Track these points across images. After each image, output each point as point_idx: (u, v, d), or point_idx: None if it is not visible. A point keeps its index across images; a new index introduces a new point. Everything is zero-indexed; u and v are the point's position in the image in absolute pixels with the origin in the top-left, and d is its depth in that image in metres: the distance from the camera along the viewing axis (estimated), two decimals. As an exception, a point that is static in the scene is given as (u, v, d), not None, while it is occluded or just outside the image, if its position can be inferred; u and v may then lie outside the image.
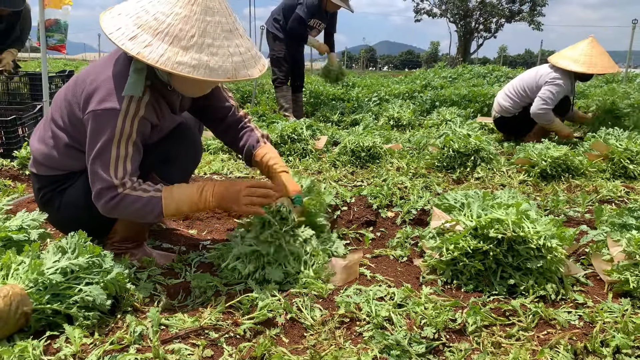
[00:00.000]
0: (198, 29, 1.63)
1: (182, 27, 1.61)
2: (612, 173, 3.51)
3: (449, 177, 3.51)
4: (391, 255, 2.17)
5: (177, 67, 1.58)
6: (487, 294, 1.77)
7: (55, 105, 1.89)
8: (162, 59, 1.58)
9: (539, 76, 4.52)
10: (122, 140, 1.69)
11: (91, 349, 1.37)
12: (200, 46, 1.62)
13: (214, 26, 1.65)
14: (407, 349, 1.41)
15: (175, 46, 1.60)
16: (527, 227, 1.81)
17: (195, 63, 1.60)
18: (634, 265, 1.81)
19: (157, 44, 1.60)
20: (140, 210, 1.72)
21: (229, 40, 1.68)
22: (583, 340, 1.48)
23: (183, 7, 1.63)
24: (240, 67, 1.69)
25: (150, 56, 1.58)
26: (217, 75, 1.63)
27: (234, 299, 1.65)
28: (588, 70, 4.38)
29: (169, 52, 1.59)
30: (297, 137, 4.25)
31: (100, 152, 1.68)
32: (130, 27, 1.63)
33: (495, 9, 40.04)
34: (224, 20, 1.69)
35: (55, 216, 1.96)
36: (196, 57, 1.60)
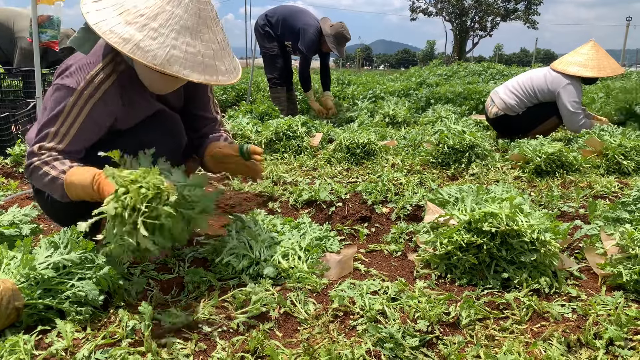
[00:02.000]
0: (151, 11, 1.61)
1: (137, 4, 1.61)
2: (606, 169, 3.52)
3: (443, 173, 3.51)
4: (385, 250, 2.17)
5: (108, 34, 1.56)
6: (481, 288, 1.77)
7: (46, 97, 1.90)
8: (101, 23, 1.58)
9: (549, 81, 4.43)
10: (68, 119, 1.71)
11: (83, 343, 1.37)
12: (142, 26, 1.59)
13: (168, 15, 1.62)
14: (401, 342, 1.41)
15: (120, 17, 1.60)
16: (521, 221, 1.81)
17: (127, 37, 1.56)
18: (627, 259, 1.81)
19: (108, 11, 1.61)
20: (48, 187, 1.72)
21: (178, 34, 1.62)
22: (576, 332, 1.49)
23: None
24: (175, 62, 1.59)
25: (92, 17, 1.59)
26: (143, 57, 1.55)
27: (227, 293, 1.64)
28: (599, 74, 4.35)
29: (111, 20, 1.59)
30: (292, 134, 4.24)
31: (45, 123, 1.72)
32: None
33: (490, 7, 40.12)
34: (185, 17, 1.64)
35: (45, 207, 1.96)
36: (132, 32, 1.57)
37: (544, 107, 4.52)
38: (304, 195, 2.80)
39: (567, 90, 4.33)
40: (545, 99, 4.47)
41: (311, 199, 2.79)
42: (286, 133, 4.23)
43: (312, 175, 3.42)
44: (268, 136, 4.20)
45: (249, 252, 1.88)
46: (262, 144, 4.17)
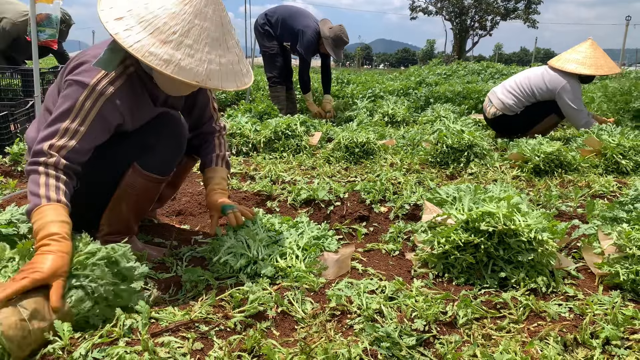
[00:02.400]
0: (182, 28, 1.62)
1: (167, 21, 1.61)
2: (605, 168, 3.53)
3: (442, 172, 3.51)
4: (383, 249, 2.17)
5: (148, 56, 1.57)
6: (478, 287, 1.77)
7: (48, 95, 1.91)
8: (137, 45, 1.57)
9: (547, 79, 4.45)
10: (79, 115, 1.70)
11: (80, 342, 1.36)
12: (178, 44, 1.61)
13: (199, 30, 1.65)
14: (398, 341, 1.41)
15: (154, 37, 1.59)
16: (518, 220, 1.81)
17: (167, 58, 1.59)
18: (624, 258, 1.82)
19: (137, 29, 1.59)
20: (29, 194, 1.66)
21: (211, 47, 1.67)
22: (573, 332, 1.49)
23: (175, 5, 1.63)
24: (214, 75, 1.66)
25: (126, 40, 1.57)
26: (186, 76, 1.60)
27: (225, 292, 1.64)
28: (597, 72, 4.38)
29: (145, 41, 1.58)
30: (291, 133, 4.25)
31: (55, 119, 1.69)
32: (121, 9, 1.63)
33: (490, 6, 40.10)
34: (213, 29, 1.68)
35: None
36: (170, 52, 1.59)
37: (542, 106, 4.53)
38: (302, 195, 2.80)
39: (567, 90, 4.35)
40: (543, 98, 4.48)
41: (310, 198, 2.79)
42: (285, 132, 4.23)
43: (311, 174, 3.43)
44: (267, 135, 4.20)
45: (246, 251, 1.88)
46: (261, 143, 4.17)
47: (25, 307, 1.32)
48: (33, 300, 1.34)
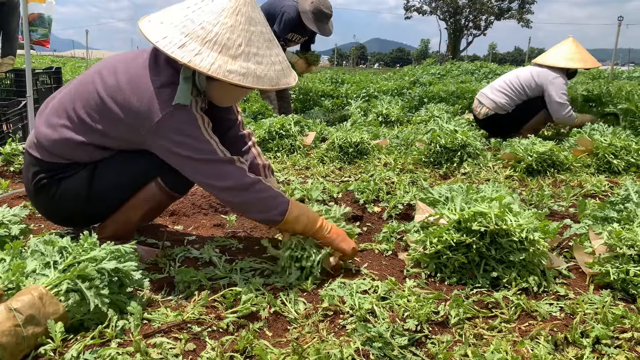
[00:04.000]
0: (244, 38, 1.69)
1: (230, 36, 1.66)
2: (597, 168, 3.55)
3: (435, 172, 3.53)
4: (376, 249, 2.17)
5: (229, 75, 1.63)
6: (470, 287, 1.78)
7: (78, 97, 1.80)
8: (214, 67, 1.62)
9: (535, 75, 4.57)
10: (207, 128, 1.75)
11: (72, 343, 1.36)
12: (247, 55, 1.68)
13: (257, 36, 1.72)
14: (390, 341, 1.41)
15: (224, 55, 1.65)
16: (510, 220, 1.82)
17: (244, 71, 1.66)
18: (614, 258, 1.83)
19: (206, 52, 1.64)
20: (269, 201, 1.78)
21: (270, 49, 1.75)
22: (564, 331, 1.50)
23: (229, 17, 1.68)
24: (281, 75, 1.76)
25: (201, 64, 1.62)
26: (264, 83, 1.69)
27: (217, 293, 1.64)
28: (585, 65, 4.63)
29: (219, 61, 1.64)
30: (285, 133, 4.25)
31: (200, 143, 1.71)
32: (177, 35, 1.65)
33: (484, 6, 40.26)
34: (265, 30, 1.76)
35: (46, 203, 1.91)
36: (244, 65, 1.66)
37: (533, 103, 4.64)
38: (296, 195, 2.80)
39: (555, 84, 4.48)
40: (534, 94, 4.60)
41: (303, 198, 2.79)
42: (279, 132, 4.23)
43: (305, 174, 3.43)
44: (261, 135, 4.20)
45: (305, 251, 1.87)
46: (255, 143, 4.16)
47: (20, 312, 1.31)
48: (29, 305, 1.33)
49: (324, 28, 5.48)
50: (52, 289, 1.40)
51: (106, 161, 1.85)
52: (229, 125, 2.17)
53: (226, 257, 2.01)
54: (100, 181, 1.84)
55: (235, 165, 1.75)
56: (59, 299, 1.39)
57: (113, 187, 1.86)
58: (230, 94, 1.87)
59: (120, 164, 1.84)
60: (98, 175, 1.85)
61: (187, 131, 1.70)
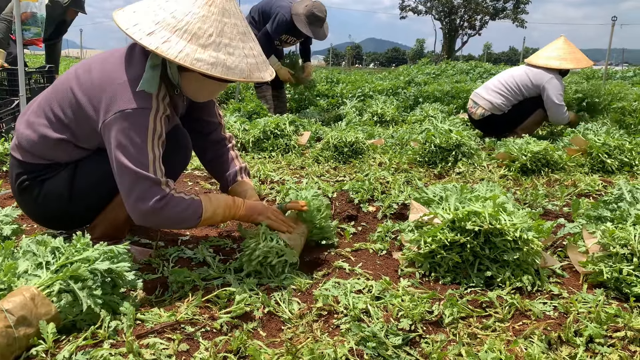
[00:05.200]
0: (216, 28, 1.66)
1: (201, 25, 1.64)
2: (591, 167, 3.57)
3: (430, 172, 3.53)
4: (371, 248, 2.17)
5: (196, 63, 1.60)
6: (465, 286, 1.78)
7: (54, 95, 1.81)
8: (181, 54, 1.60)
9: (531, 76, 4.57)
10: (154, 139, 1.69)
11: (64, 344, 1.35)
12: (217, 45, 1.65)
13: (230, 27, 1.69)
14: (384, 340, 1.41)
15: (193, 43, 1.62)
16: (504, 220, 1.83)
17: (214, 61, 1.63)
18: (608, 257, 1.84)
19: (175, 40, 1.61)
20: (183, 213, 1.73)
21: (243, 42, 1.73)
22: (557, 330, 1.50)
23: (201, 7, 1.66)
24: (254, 68, 1.73)
25: (169, 51, 1.59)
26: (234, 74, 1.66)
27: (211, 293, 1.64)
28: (578, 65, 4.67)
29: (187, 49, 1.61)
30: (280, 132, 4.24)
31: (138, 154, 1.65)
32: (147, 23, 1.64)
33: (479, 6, 40.38)
34: (239, 23, 1.73)
35: (31, 206, 1.91)
36: (214, 55, 1.63)
37: (529, 103, 4.64)
38: (290, 194, 2.78)
39: (552, 84, 4.49)
40: (530, 95, 4.60)
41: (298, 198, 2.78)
42: (274, 132, 4.22)
43: (300, 174, 3.42)
44: (256, 135, 4.19)
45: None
46: (250, 143, 4.15)
47: (12, 313, 1.30)
48: (20, 306, 1.32)
49: (317, 32, 5.42)
50: (44, 289, 1.39)
51: (86, 160, 1.85)
52: (211, 129, 2.18)
53: (220, 257, 2.01)
54: (81, 180, 1.84)
55: (159, 187, 1.69)
56: (51, 299, 1.38)
57: (94, 186, 1.85)
58: (205, 88, 1.82)
59: (98, 162, 1.81)
60: (79, 174, 1.84)
61: (133, 137, 1.65)
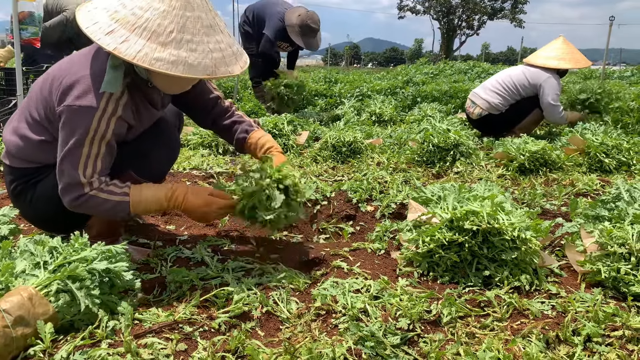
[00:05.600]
0: (177, 24, 1.60)
1: (161, 22, 1.59)
2: (589, 167, 3.57)
3: (428, 171, 3.53)
4: (369, 248, 2.17)
5: (155, 63, 1.55)
6: (463, 286, 1.78)
7: (30, 99, 1.85)
8: (140, 54, 1.55)
9: (529, 76, 4.58)
10: (95, 139, 1.66)
11: (62, 344, 1.35)
12: (179, 42, 1.59)
13: (193, 21, 1.63)
14: (382, 340, 1.41)
15: (153, 42, 1.57)
16: (502, 219, 1.83)
17: (174, 59, 1.58)
18: (605, 256, 1.84)
19: (134, 39, 1.56)
20: (108, 212, 1.74)
21: (208, 36, 1.66)
22: (555, 329, 1.50)
23: (162, 2, 1.60)
24: (220, 63, 1.66)
25: (127, 52, 1.55)
26: (196, 72, 1.60)
27: (209, 293, 1.64)
28: (576, 65, 4.65)
29: (146, 48, 1.56)
30: (279, 132, 4.24)
31: (71, 149, 1.65)
32: (107, 21, 1.59)
33: (477, 6, 40.42)
34: (204, 16, 1.66)
35: (27, 209, 1.93)
36: (175, 53, 1.58)
37: (526, 102, 4.65)
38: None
39: (550, 84, 4.49)
40: (528, 94, 4.61)
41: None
42: (272, 131, 4.22)
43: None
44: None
45: None
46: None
47: (9, 313, 1.30)
48: (18, 306, 1.32)
49: (309, 43, 5.48)
50: (41, 289, 1.39)
51: None
52: (211, 105, 2.16)
53: (218, 257, 2.00)
54: None
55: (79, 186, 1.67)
56: (48, 299, 1.38)
57: None
58: (174, 83, 1.79)
59: None
60: None
61: (72, 132, 1.65)
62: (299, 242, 2.39)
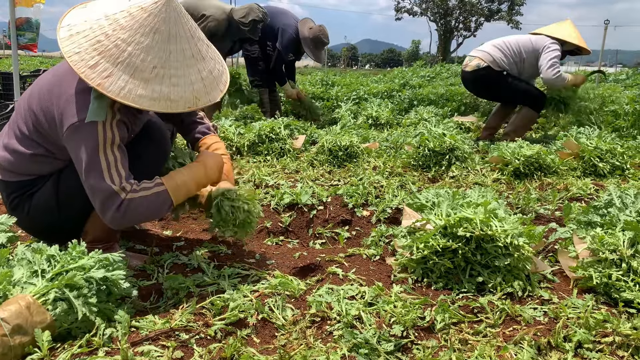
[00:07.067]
0: (160, 59, 1.63)
1: (144, 57, 1.61)
2: (583, 171, 3.60)
3: (424, 175, 3.55)
4: (364, 254, 2.19)
5: (138, 100, 1.60)
6: (456, 292, 1.80)
7: (18, 114, 1.87)
8: (123, 92, 1.59)
9: (534, 40, 4.63)
10: (107, 147, 1.68)
11: (59, 352, 1.37)
12: (161, 77, 1.63)
13: (176, 55, 1.66)
14: (376, 347, 1.43)
15: (136, 78, 1.60)
16: (495, 226, 1.85)
17: (156, 96, 1.62)
18: (597, 262, 1.86)
19: (117, 74, 1.59)
20: (151, 209, 1.75)
21: (190, 67, 1.69)
22: (547, 335, 1.52)
23: (145, 36, 1.62)
24: (201, 94, 1.71)
25: (110, 88, 1.58)
26: (177, 107, 1.65)
27: (205, 300, 1.65)
28: (581, 43, 4.65)
29: (129, 85, 1.59)
30: (275, 136, 4.25)
31: (90, 164, 1.67)
32: (90, 52, 1.60)
33: (474, 7, 40.51)
34: (187, 47, 1.69)
35: (25, 221, 1.94)
36: (157, 89, 1.62)
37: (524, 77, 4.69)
38: (285, 199, 2.81)
39: (552, 48, 4.53)
40: (528, 60, 4.61)
41: (292, 203, 2.81)
42: (269, 135, 4.23)
43: (294, 177, 3.44)
44: (251, 138, 4.20)
45: None
46: (245, 147, 4.17)
47: (7, 321, 1.31)
48: (16, 315, 1.33)
49: (318, 55, 5.81)
50: (39, 298, 1.41)
51: (67, 168, 1.86)
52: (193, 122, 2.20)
53: (215, 263, 2.02)
54: (65, 188, 1.85)
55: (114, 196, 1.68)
56: (46, 307, 1.39)
57: (79, 192, 1.83)
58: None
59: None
60: (62, 183, 1.86)
61: (84, 149, 1.67)
62: (295, 248, 2.40)
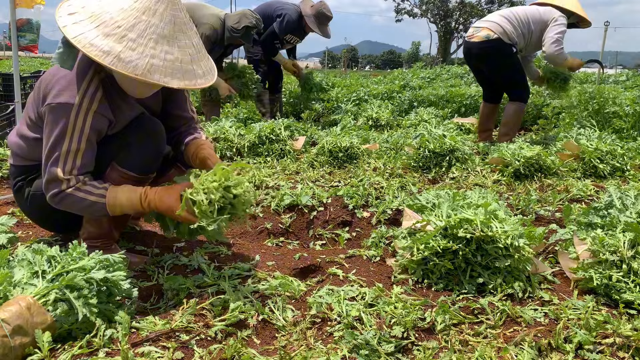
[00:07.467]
0: (127, 22, 1.65)
1: (114, 16, 1.65)
2: (583, 172, 3.60)
3: (424, 177, 3.55)
4: (364, 255, 2.19)
5: (89, 47, 1.61)
6: (457, 293, 1.80)
7: (28, 101, 1.96)
8: (80, 36, 1.63)
9: (542, 12, 4.58)
10: (74, 135, 1.74)
11: (60, 353, 1.37)
12: (120, 37, 1.64)
13: (145, 25, 1.66)
14: (376, 348, 1.43)
15: (98, 30, 1.64)
16: (495, 227, 1.85)
17: (107, 50, 1.62)
18: (598, 263, 1.86)
19: (85, 23, 1.65)
20: (84, 211, 1.83)
21: (156, 43, 1.67)
22: (547, 337, 1.52)
23: (125, 1, 1.67)
24: (156, 70, 1.65)
25: (70, 31, 1.63)
26: (124, 67, 1.61)
27: (206, 301, 1.65)
28: (584, 15, 4.63)
29: (89, 33, 1.63)
30: (275, 137, 4.25)
31: (53, 146, 1.74)
32: (76, 6, 1.69)
33: (474, 9, 40.56)
34: (162, 26, 1.69)
35: (25, 206, 2.02)
36: (111, 44, 1.62)
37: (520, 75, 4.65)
38: (285, 200, 2.81)
39: (560, 22, 4.48)
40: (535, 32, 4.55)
41: (293, 204, 2.81)
42: (269, 137, 4.23)
43: (295, 179, 3.44)
44: (251, 140, 4.20)
45: None
46: (245, 148, 4.17)
47: (8, 322, 1.31)
48: (16, 316, 1.33)
49: (324, 30, 5.78)
50: (40, 298, 1.41)
51: None
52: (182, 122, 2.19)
53: (215, 264, 2.02)
54: None
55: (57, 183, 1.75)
56: (47, 308, 1.39)
57: None
58: (129, 84, 1.83)
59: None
60: None
61: (52, 130, 1.74)
62: (295, 249, 2.40)
